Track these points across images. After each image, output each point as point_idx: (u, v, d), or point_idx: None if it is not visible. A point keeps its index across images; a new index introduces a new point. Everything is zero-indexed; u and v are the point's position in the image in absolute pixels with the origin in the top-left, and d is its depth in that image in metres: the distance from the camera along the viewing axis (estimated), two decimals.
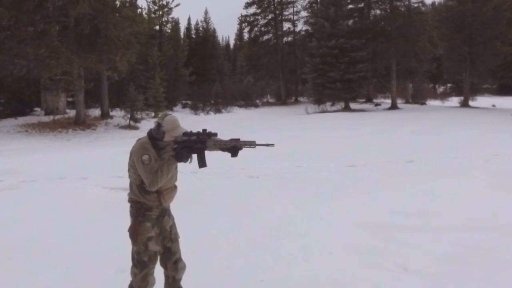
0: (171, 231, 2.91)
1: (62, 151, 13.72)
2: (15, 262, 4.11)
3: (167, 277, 2.98)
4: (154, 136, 2.72)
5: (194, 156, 2.74)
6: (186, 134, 2.69)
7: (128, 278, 2.97)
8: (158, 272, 2.97)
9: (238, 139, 2.64)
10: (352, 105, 31.13)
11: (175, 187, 2.92)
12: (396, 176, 7.75)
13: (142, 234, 2.74)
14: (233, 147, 2.63)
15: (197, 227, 4.83)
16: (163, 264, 2.94)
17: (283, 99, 39.43)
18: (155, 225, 2.79)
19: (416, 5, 31.04)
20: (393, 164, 8.93)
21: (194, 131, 2.75)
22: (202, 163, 2.74)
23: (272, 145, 2.74)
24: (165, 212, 2.88)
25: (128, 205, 2.86)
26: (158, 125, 2.71)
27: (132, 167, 2.75)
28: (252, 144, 2.61)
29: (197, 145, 2.66)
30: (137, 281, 2.81)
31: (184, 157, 2.67)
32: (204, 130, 2.69)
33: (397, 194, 6.40)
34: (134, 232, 2.75)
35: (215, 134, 2.68)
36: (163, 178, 2.65)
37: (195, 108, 31.95)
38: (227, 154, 2.69)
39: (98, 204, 6.14)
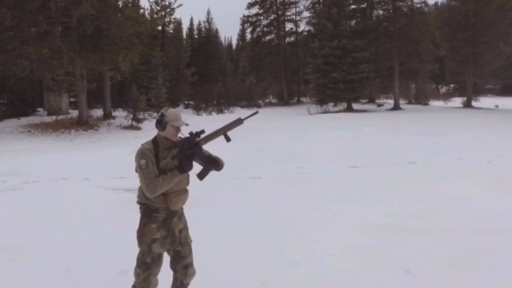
0: (181, 234, 2.88)
1: (65, 151, 13.75)
2: (17, 263, 4.12)
3: (175, 280, 2.97)
4: (156, 127, 2.75)
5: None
6: (175, 145, 2.72)
7: (129, 280, 2.97)
8: (167, 274, 2.96)
9: (225, 125, 2.67)
10: (355, 106, 31.08)
11: (186, 190, 2.88)
12: (399, 177, 7.72)
13: (147, 236, 2.75)
14: (224, 134, 2.68)
15: (199, 228, 4.80)
16: (173, 267, 2.94)
17: (285, 99, 39.42)
18: (161, 227, 2.78)
19: (418, 5, 31.00)
20: (395, 165, 8.90)
21: (191, 133, 2.76)
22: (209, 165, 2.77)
23: (257, 112, 2.88)
24: (174, 215, 2.84)
25: (131, 207, 2.87)
26: (162, 115, 2.74)
27: (136, 171, 2.79)
28: (239, 122, 2.65)
29: (192, 149, 2.68)
30: (140, 281, 2.85)
31: (187, 166, 2.68)
32: (191, 133, 2.71)
33: (400, 196, 6.38)
34: (140, 233, 2.77)
35: (203, 131, 2.72)
36: (163, 187, 2.65)
37: (197, 109, 32.00)
38: (226, 155, 2.71)
39: (100, 205, 6.14)
